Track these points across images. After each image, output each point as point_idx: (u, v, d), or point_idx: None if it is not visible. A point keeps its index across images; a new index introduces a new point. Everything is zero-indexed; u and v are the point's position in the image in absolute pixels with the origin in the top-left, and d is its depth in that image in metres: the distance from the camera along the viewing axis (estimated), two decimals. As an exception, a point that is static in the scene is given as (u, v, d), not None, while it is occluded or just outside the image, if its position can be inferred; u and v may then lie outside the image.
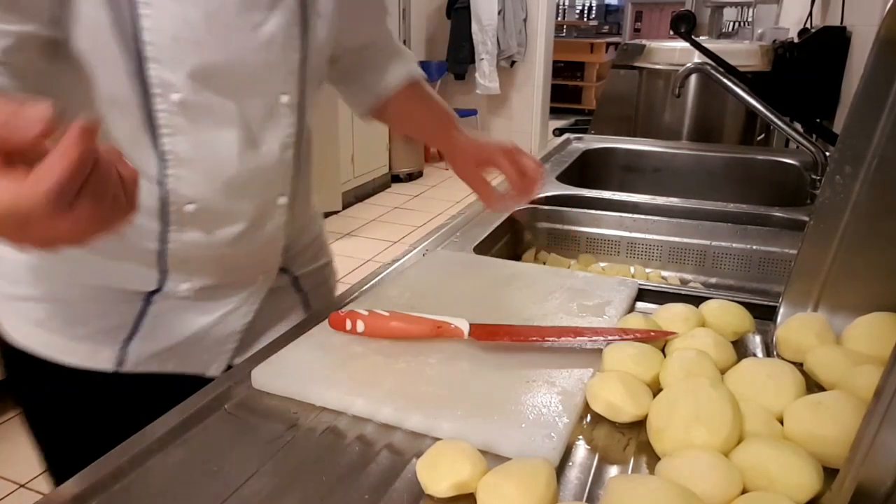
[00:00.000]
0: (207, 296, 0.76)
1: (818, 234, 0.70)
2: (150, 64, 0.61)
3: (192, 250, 0.72)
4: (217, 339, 0.79)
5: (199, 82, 0.64)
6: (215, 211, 0.71)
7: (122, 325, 0.73)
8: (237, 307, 0.79)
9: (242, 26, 0.64)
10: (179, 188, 0.68)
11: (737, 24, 3.91)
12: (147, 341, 0.74)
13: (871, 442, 0.39)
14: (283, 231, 0.79)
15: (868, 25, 1.69)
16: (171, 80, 0.62)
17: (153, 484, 0.51)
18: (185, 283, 0.74)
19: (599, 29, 9.16)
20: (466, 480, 0.48)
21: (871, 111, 0.65)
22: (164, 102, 0.63)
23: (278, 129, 0.72)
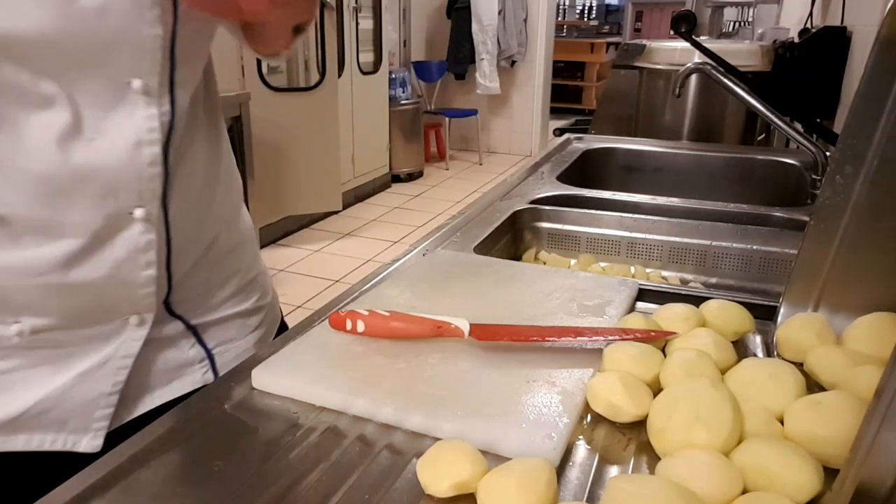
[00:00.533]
0: (55, 343, 0.61)
1: (819, 234, 0.70)
2: None
3: (7, 275, 0.57)
4: (81, 403, 0.63)
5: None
6: (30, 222, 0.56)
7: None
8: (104, 361, 0.64)
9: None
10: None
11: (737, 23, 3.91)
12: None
13: (872, 442, 0.39)
14: (149, 256, 0.62)
15: (868, 25, 1.69)
16: None
17: (153, 484, 0.51)
18: (14, 325, 0.58)
19: (600, 29, 9.17)
20: (467, 480, 0.48)
21: (871, 111, 0.65)
22: None
23: (128, 120, 0.58)
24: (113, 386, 0.65)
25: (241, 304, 0.78)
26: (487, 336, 0.66)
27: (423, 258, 0.91)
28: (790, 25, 2.65)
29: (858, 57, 1.74)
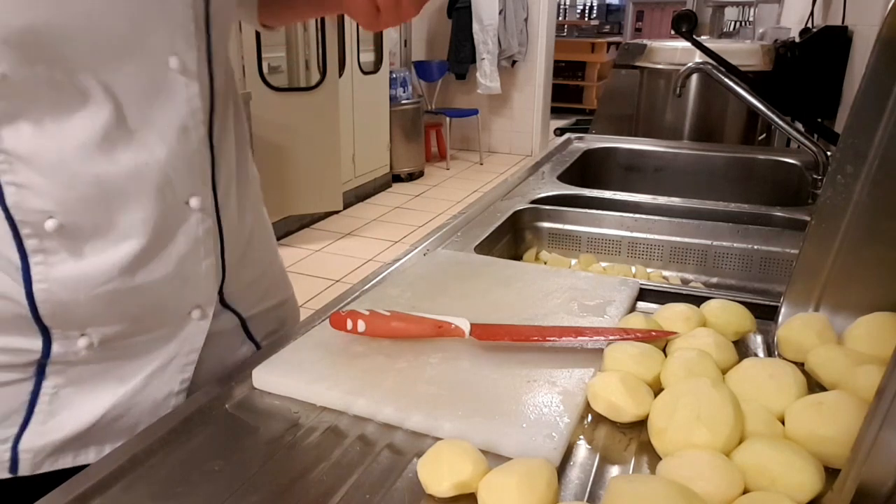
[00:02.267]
0: (121, 353, 0.58)
1: (820, 234, 0.70)
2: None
3: (68, 291, 0.53)
4: (151, 405, 0.61)
5: (26, 51, 0.47)
6: (92, 226, 0.53)
7: (9, 417, 0.55)
8: (170, 359, 0.62)
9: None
10: (26, 200, 0.51)
11: (738, 23, 3.91)
12: (47, 431, 0.56)
13: (873, 442, 0.39)
14: (208, 245, 0.61)
15: (869, 25, 1.69)
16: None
17: (154, 484, 0.51)
18: (81, 340, 0.56)
19: (600, 28, 9.16)
20: (467, 480, 0.48)
21: (872, 110, 0.65)
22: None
23: (172, 105, 0.55)
24: (181, 384, 0.64)
25: (276, 296, 0.77)
26: (488, 336, 0.66)
27: (424, 258, 0.91)
28: (791, 25, 2.65)
29: (859, 56, 1.74)
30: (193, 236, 0.60)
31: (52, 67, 0.49)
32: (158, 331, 0.61)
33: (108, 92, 0.52)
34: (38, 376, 0.56)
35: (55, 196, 0.51)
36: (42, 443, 0.56)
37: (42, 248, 0.52)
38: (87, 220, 0.53)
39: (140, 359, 0.60)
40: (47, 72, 0.49)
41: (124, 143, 0.53)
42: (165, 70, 0.54)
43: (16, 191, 0.50)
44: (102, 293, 0.55)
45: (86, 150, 0.52)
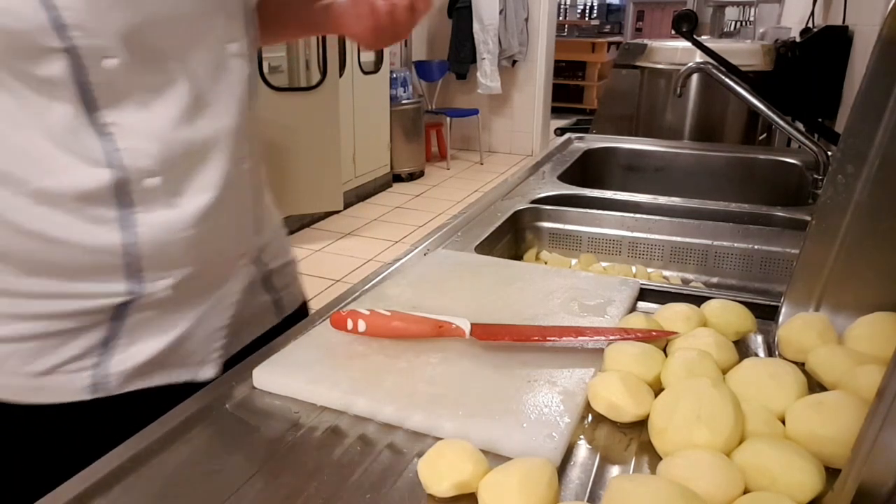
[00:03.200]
0: (187, 293, 0.68)
1: (820, 234, 0.70)
2: (73, 32, 0.54)
3: (164, 233, 0.64)
4: (202, 338, 0.71)
5: (134, 42, 0.58)
6: (181, 181, 0.65)
7: (93, 348, 0.65)
8: (220, 300, 0.72)
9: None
10: (136, 162, 0.61)
11: (738, 23, 3.91)
12: (127, 357, 0.66)
13: (874, 442, 0.39)
14: (251, 202, 0.74)
15: (870, 25, 1.69)
16: (99, 46, 0.56)
17: (154, 484, 0.51)
18: (164, 280, 0.66)
19: (601, 28, 9.17)
20: (468, 480, 0.48)
21: (873, 110, 0.65)
22: (96, 72, 0.57)
23: (232, 82, 0.67)
24: (228, 319, 0.74)
25: (287, 255, 0.87)
26: (488, 336, 0.66)
27: (424, 258, 0.91)
28: (792, 25, 2.65)
29: (860, 56, 1.74)
30: (245, 191, 0.73)
31: (150, 57, 0.60)
32: (214, 274, 0.72)
33: (187, 74, 0.63)
34: (120, 313, 0.65)
35: (155, 157, 0.62)
36: (120, 369, 0.66)
37: (143, 200, 0.63)
38: (176, 177, 0.65)
39: (196, 299, 0.70)
40: (147, 60, 0.60)
41: (201, 115, 0.65)
42: (225, 54, 0.67)
43: (127, 155, 0.61)
44: (186, 237, 0.66)
45: (175, 120, 0.63)
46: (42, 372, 0.64)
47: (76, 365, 0.65)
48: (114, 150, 0.60)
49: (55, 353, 0.64)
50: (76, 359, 0.64)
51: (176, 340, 0.69)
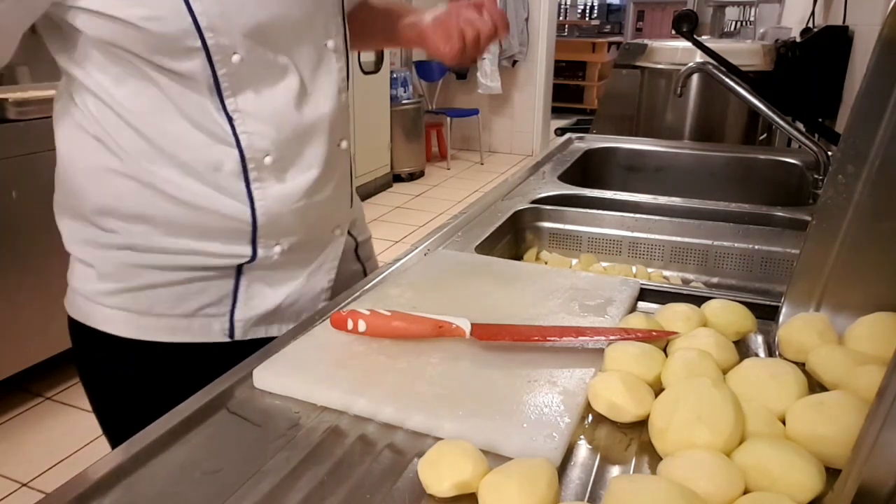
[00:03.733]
0: (294, 258, 0.80)
1: (820, 234, 0.70)
2: (207, 33, 0.66)
3: (277, 205, 0.76)
4: (310, 298, 0.83)
5: (254, 41, 0.69)
6: (291, 160, 0.76)
7: (223, 299, 0.78)
8: (321, 264, 0.84)
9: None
10: (254, 143, 0.73)
11: (739, 23, 3.91)
12: (249, 310, 0.79)
13: (874, 442, 0.39)
14: (348, 179, 0.85)
15: (870, 25, 1.69)
16: (227, 44, 0.68)
17: (155, 484, 0.51)
18: (277, 246, 0.78)
19: (601, 28, 9.17)
20: (468, 480, 0.48)
21: (873, 110, 0.65)
22: (224, 66, 0.68)
23: (330, 74, 0.78)
24: (328, 282, 0.86)
25: (367, 232, 1.00)
26: (489, 336, 0.66)
27: (425, 258, 0.91)
28: (792, 25, 2.65)
29: (860, 56, 1.74)
30: (342, 170, 0.83)
31: (266, 51, 0.71)
32: (317, 242, 0.84)
33: (295, 66, 0.74)
34: (241, 271, 0.78)
35: (271, 139, 0.74)
36: (246, 317, 0.79)
37: (261, 177, 0.74)
38: (288, 155, 0.76)
39: (304, 262, 0.82)
40: (264, 54, 0.71)
41: (306, 102, 0.76)
42: (325, 50, 0.77)
43: (247, 137, 0.73)
44: (295, 209, 0.77)
45: (287, 107, 0.74)
46: (184, 314, 0.77)
47: (211, 310, 0.78)
48: (239, 132, 0.72)
49: (193, 299, 0.77)
50: (210, 305, 0.77)
51: (287, 298, 0.81)
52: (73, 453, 1.93)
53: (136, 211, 0.73)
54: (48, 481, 1.83)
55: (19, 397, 2.21)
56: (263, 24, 0.69)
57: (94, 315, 0.77)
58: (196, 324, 0.77)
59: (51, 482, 1.83)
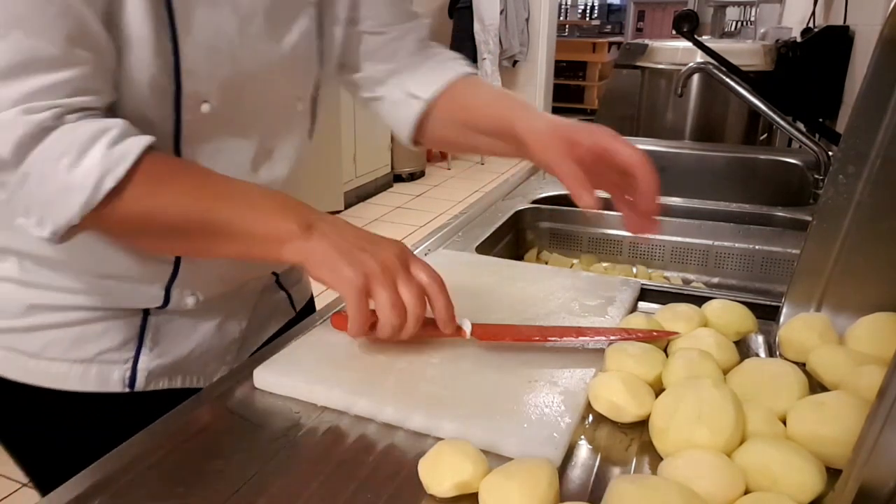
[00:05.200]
0: (208, 306, 0.74)
1: (821, 234, 0.70)
2: (185, 77, 0.59)
3: (204, 267, 0.70)
4: (219, 349, 0.76)
5: (228, 93, 0.63)
6: None
7: (126, 344, 0.70)
8: (234, 312, 0.77)
9: (271, 36, 0.64)
10: None
11: (739, 23, 3.91)
12: (155, 357, 0.71)
13: (875, 442, 0.38)
14: None
15: (871, 25, 1.69)
16: (202, 92, 0.61)
17: (155, 484, 0.51)
18: (191, 298, 0.71)
19: (602, 28, 9.16)
20: (468, 480, 0.48)
21: (874, 110, 0.65)
22: (191, 112, 0.61)
23: (293, 136, 0.73)
24: (239, 333, 0.78)
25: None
26: (489, 336, 0.66)
27: (425, 258, 0.91)
28: (792, 25, 2.65)
29: (861, 56, 1.74)
30: None
31: (234, 106, 0.65)
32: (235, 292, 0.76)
33: (260, 124, 0.68)
34: (144, 316, 0.70)
35: None
36: (151, 365, 0.71)
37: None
38: None
39: (215, 310, 0.75)
40: (231, 109, 0.64)
41: (262, 164, 0.70)
42: (294, 111, 0.72)
43: None
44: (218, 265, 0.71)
45: (242, 165, 0.68)
46: (80, 359, 0.68)
47: (110, 356, 0.69)
48: None
49: (92, 342, 0.68)
50: (111, 350, 0.69)
51: (196, 348, 0.74)
52: (74, 453, 1.93)
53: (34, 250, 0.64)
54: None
55: (20, 397, 2.21)
56: (243, 77, 0.64)
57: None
58: (93, 371, 0.68)
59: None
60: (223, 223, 0.56)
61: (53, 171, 0.51)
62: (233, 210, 0.57)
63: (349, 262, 0.56)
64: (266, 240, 0.57)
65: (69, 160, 0.51)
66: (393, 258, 0.57)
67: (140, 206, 0.55)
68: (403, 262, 0.58)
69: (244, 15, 0.61)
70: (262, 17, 0.63)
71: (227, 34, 0.60)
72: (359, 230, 0.60)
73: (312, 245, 0.56)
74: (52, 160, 0.51)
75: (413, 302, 0.57)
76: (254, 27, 0.62)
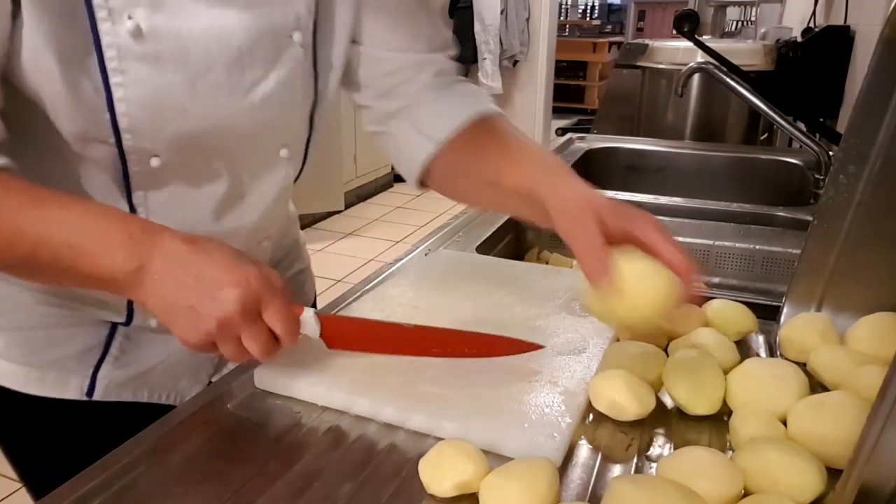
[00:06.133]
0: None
1: (822, 234, 0.70)
2: (125, 135, 0.55)
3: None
4: (192, 363, 0.72)
5: (182, 147, 0.58)
6: None
7: (89, 351, 0.67)
8: None
9: (235, 88, 0.58)
10: None
11: (740, 23, 3.90)
12: (117, 368, 0.68)
13: (875, 442, 0.38)
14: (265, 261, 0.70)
15: (872, 24, 1.69)
16: (148, 149, 0.56)
17: (155, 484, 0.51)
18: (154, 319, 0.67)
19: (602, 28, 9.15)
20: (469, 480, 0.48)
21: (875, 110, 0.65)
22: (138, 165, 0.57)
23: (272, 180, 0.66)
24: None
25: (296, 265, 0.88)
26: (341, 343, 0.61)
27: (426, 258, 0.91)
28: (793, 25, 2.64)
29: (862, 56, 1.74)
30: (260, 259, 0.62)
31: (196, 157, 0.60)
32: None
33: (231, 171, 0.63)
34: (114, 331, 0.68)
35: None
36: (111, 375, 0.68)
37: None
38: None
39: None
40: (193, 159, 0.59)
41: (231, 209, 0.65)
42: (276, 158, 0.65)
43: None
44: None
45: (205, 214, 0.63)
46: (41, 364, 0.66)
47: (72, 363, 0.67)
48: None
49: (53, 349, 0.66)
50: (72, 359, 0.67)
51: (164, 362, 0.70)
52: (75, 453, 1.93)
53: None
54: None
55: (20, 397, 2.21)
56: (198, 132, 0.57)
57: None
58: (51, 376, 0.66)
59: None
60: (50, 258, 0.51)
61: None
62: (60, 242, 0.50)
63: (186, 321, 0.51)
64: (99, 280, 0.52)
65: None
66: (233, 308, 0.50)
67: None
68: (246, 308, 0.51)
69: (195, 68, 0.55)
70: (222, 69, 0.56)
71: (172, 92, 0.55)
72: (202, 263, 0.51)
73: (145, 294, 0.51)
74: None
75: (259, 351, 0.53)
76: (209, 81, 0.56)
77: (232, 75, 0.57)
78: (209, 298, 0.50)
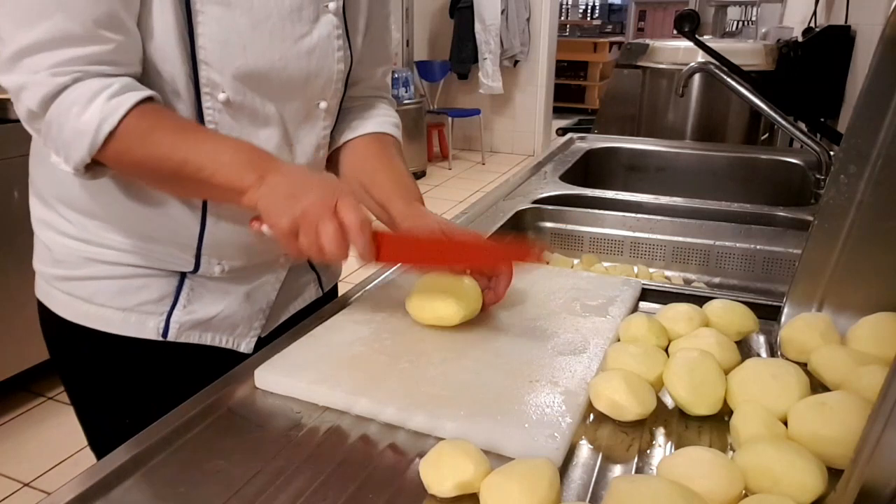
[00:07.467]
0: (235, 276, 0.81)
1: (823, 234, 0.70)
2: (202, 66, 0.67)
3: (225, 237, 0.77)
4: (247, 314, 0.83)
5: (243, 84, 0.70)
6: None
7: (163, 299, 0.78)
8: (263, 284, 0.84)
9: (287, 36, 0.71)
10: None
11: (740, 23, 3.91)
12: (186, 315, 0.79)
13: (876, 442, 0.38)
14: None
15: (873, 24, 1.69)
16: (217, 81, 0.68)
17: (156, 483, 0.51)
18: (218, 266, 0.78)
19: (603, 28, 9.16)
20: (469, 480, 0.48)
21: (875, 110, 0.65)
22: (211, 100, 0.69)
23: (314, 131, 0.79)
24: (266, 304, 0.85)
25: None
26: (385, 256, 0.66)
27: (426, 258, 0.91)
28: (794, 24, 2.65)
29: (862, 56, 1.74)
30: None
31: (254, 98, 0.72)
32: (261, 266, 0.83)
33: (281, 118, 0.75)
34: (181, 277, 0.79)
35: None
36: (182, 320, 0.79)
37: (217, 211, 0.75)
38: None
39: (246, 280, 0.83)
40: (251, 100, 0.72)
41: (285, 152, 0.77)
42: (316, 109, 0.78)
43: None
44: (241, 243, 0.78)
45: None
46: (121, 307, 0.77)
47: (150, 307, 0.78)
48: None
49: (133, 295, 0.77)
50: (149, 303, 0.78)
51: (223, 311, 0.81)
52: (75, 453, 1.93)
53: (90, 208, 0.74)
54: (50, 481, 1.83)
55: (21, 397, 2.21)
56: (256, 70, 0.70)
57: (51, 297, 0.80)
58: (132, 318, 0.78)
59: (52, 482, 1.82)
60: (194, 171, 0.64)
61: (67, 118, 0.62)
62: (203, 161, 0.64)
63: (282, 211, 0.62)
64: (228, 189, 0.65)
65: (78, 109, 0.62)
66: (319, 204, 0.62)
67: (132, 149, 0.64)
68: (328, 206, 0.62)
69: (257, 15, 0.68)
70: (277, 19, 0.69)
71: (238, 31, 0.67)
72: (305, 175, 0.65)
73: (259, 196, 0.64)
74: (66, 110, 0.62)
75: (330, 246, 0.62)
76: (266, 27, 0.69)
77: (285, 26, 0.70)
78: (305, 190, 0.63)
